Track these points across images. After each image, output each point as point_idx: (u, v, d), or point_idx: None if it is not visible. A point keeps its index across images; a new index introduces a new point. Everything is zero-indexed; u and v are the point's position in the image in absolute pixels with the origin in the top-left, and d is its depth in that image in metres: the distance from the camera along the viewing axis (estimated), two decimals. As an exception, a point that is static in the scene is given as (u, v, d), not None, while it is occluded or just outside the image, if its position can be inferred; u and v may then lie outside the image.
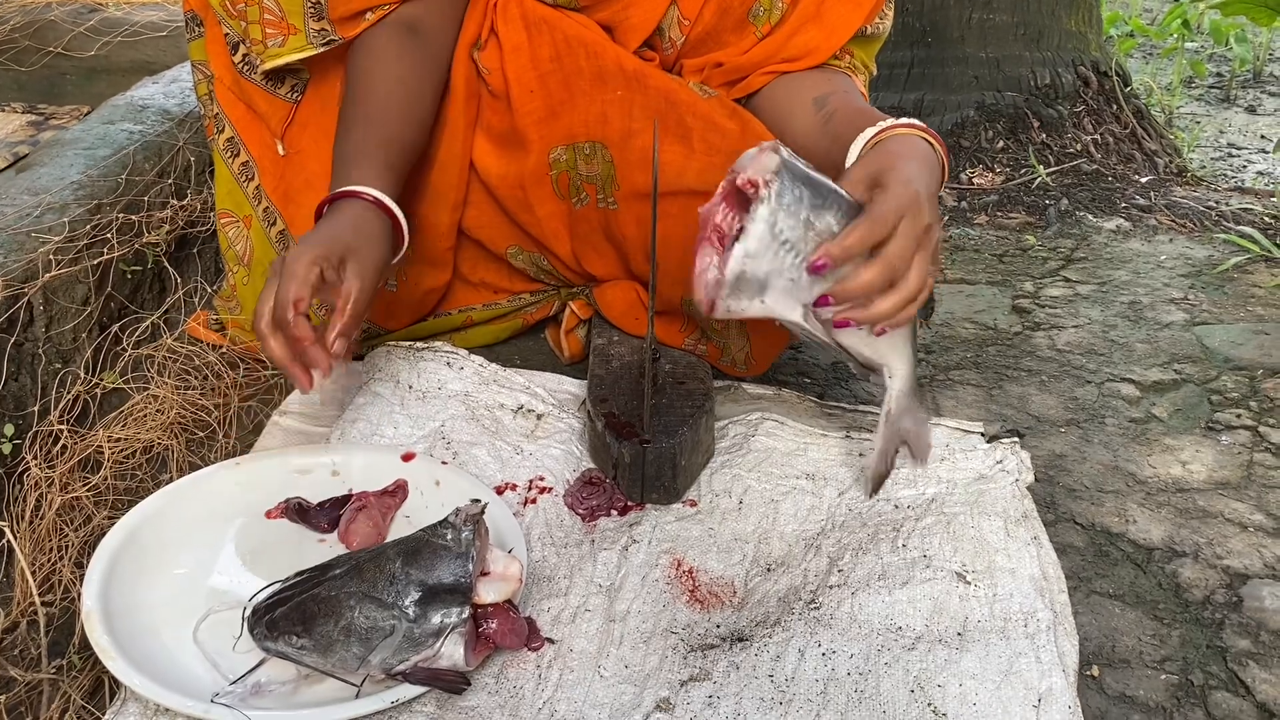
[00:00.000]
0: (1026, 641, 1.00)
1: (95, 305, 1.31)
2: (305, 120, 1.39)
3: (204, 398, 1.31)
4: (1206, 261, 1.99)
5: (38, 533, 1.07)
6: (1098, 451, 1.39)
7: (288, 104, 1.38)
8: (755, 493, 1.24)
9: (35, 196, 1.34)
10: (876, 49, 1.42)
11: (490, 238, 1.50)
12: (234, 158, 1.42)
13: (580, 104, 1.36)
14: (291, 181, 1.40)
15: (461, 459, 1.27)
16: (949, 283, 1.91)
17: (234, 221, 1.44)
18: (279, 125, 1.38)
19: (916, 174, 1.01)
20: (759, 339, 1.41)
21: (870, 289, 0.97)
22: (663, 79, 1.35)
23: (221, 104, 1.40)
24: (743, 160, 0.96)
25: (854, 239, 0.96)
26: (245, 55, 1.35)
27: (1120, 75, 2.63)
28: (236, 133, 1.40)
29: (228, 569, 1.08)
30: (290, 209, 1.41)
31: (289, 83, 1.37)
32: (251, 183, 1.41)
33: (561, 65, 1.35)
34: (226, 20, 1.33)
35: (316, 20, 1.28)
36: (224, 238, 1.45)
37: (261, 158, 1.40)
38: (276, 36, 1.29)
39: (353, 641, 0.92)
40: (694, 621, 1.05)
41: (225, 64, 1.37)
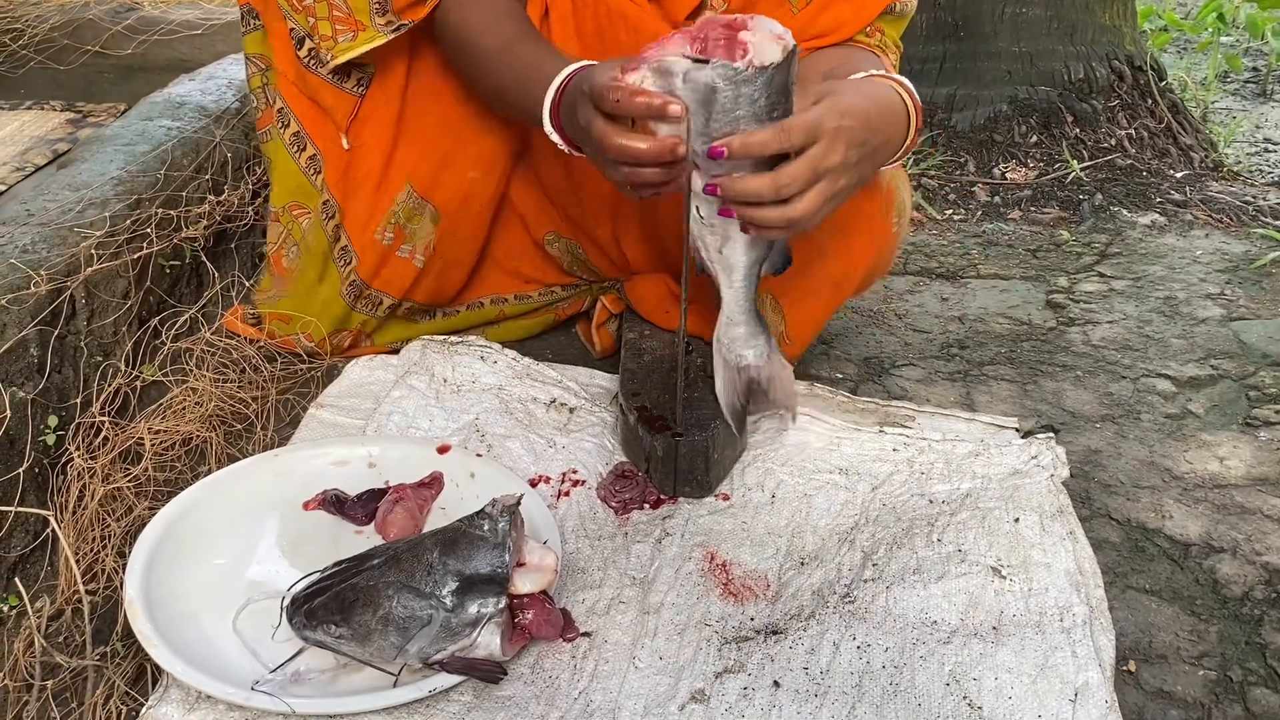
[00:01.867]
0: (1062, 636, 1.00)
1: (135, 299, 1.33)
2: (368, 115, 1.40)
3: (242, 390, 1.33)
4: (1243, 257, 1.96)
5: (81, 522, 1.09)
6: (1133, 447, 1.38)
7: (353, 97, 1.39)
8: (788, 487, 1.24)
9: (76, 192, 1.36)
10: (904, 27, 1.41)
11: (531, 218, 1.52)
12: (300, 151, 1.43)
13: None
14: (353, 175, 1.42)
15: (496, 452, 1.27)
16: (982, 278, 1.90)
17: (306, 213, 1.45)
18: (344, 119, 1.39)
19: (855, 109, 1.01)
20: (795, 313, 1.39)
21: (752, 195, 0.99)
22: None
23: (286, 98, 1.41)
24: (761, 29, 0.97)
25: (756, 140, 0.97)
26: (311, 49, 1.36)
27: (1155, 69, 2.60)
28: (302, 126, 1.42)
29: (266, 559, 1.10)
30: (349, 202, 1.42)
31: (354, 76, 1.38)
32: (319, 175, 1.42)
33: (603, 39, 1.37)
34: (291, 15, 1.33)
35: (381, 15, 1.29)
36: (298, 229, 1.45)
37: (326, 151, 1.41)
38: (346, 32, 1.30)
39: (390, 631, 0.93)
40: (728, 614, 1.05)
41: (290, 58, 1.38)
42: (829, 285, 1.36)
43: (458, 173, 1.43)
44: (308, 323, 1.44)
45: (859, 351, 1.62)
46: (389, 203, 1.42)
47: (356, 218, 1.42)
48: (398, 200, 1.42)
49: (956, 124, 2.48)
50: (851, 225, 1.33)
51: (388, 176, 1.42)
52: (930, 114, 2.50)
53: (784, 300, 1.37)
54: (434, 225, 1.45)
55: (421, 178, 1.42)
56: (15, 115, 2.03)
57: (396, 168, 1.42)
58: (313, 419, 1.33)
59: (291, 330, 1.45)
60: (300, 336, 1.45)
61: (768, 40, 0.97)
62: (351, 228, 1.43)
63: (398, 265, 1.45)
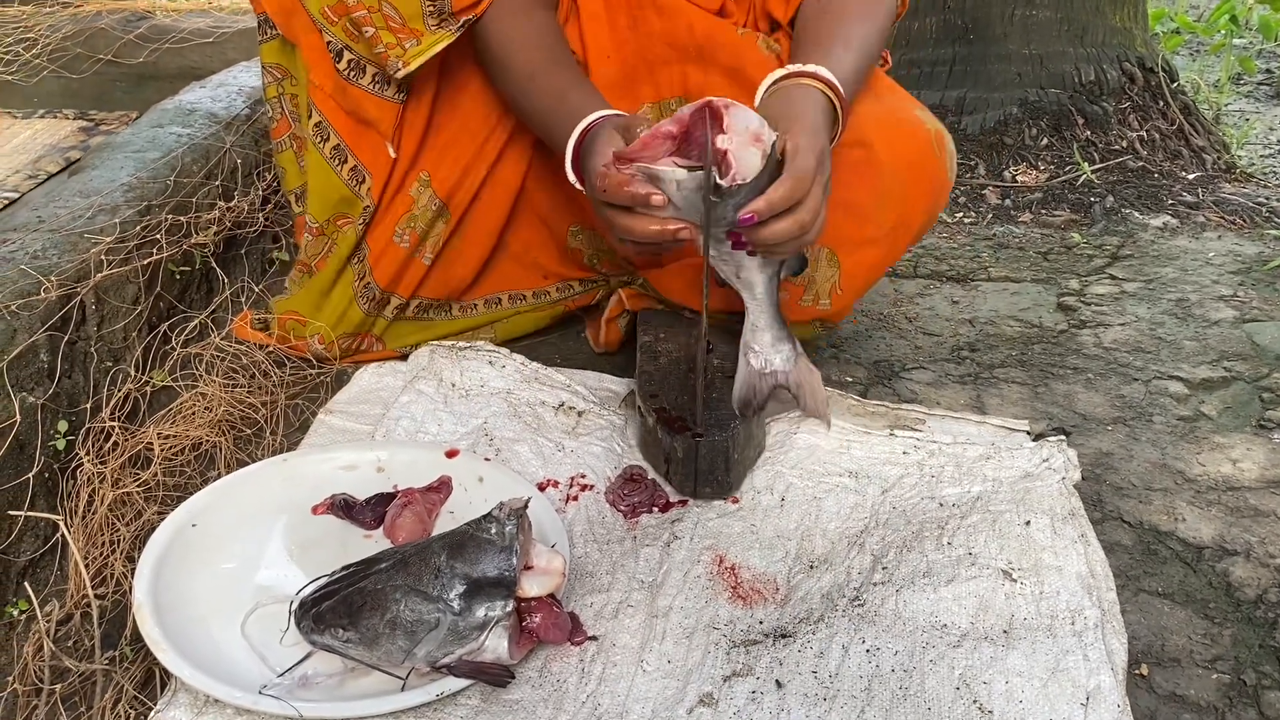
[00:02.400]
0: (1074, 639, 0.99)
1: (145, 305, 1.33)
2: (406, 121, 1.39)
3: (251, 395, 1.33)
4: (1256, 258, 1.95)
5: (90, 527, 1.09)
6: (1146, 450, 1.37)
7: (397, 105, 1.36)
8: (797, 490, 1.23)
9: (87, 198, 1.37)
10: None
11: (552, 213, 1.52)
12: (342, 164, 1.41)
13: (658, 69, 1.40)
14: (391, 183, 1.42)
15: (504, 456, 1.27)
16: (993, 281, 1.89)
17: (351, 223, 1.44)
18: (389, 128, 1.37)
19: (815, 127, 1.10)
20: (850, 263, 1.36)
21: (783, 238, 1.07)
22: (731, 37, 1.38)
23: (325, 111, 1.38)
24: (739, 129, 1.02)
25: (779, 196, 1.04)
26: (351, 61, 1.33)
27: (1166, 71, 2.59)
28: (343, 139, 1.39)
29: (275, 564, 1.10)
30: (381, 211, 1.42)
31: (395, 84, 1.35)
32: (362, 185, 1.41)
33: (637, 33, 1.37)
34: (328, 28, 1.30)
35: (435, 19, 1.27)
36: (344, 240, 1.44)
37: (371, 163, 1.40)
38: (409, 39, 1.28)
39: (398, 634, 0.93)
40: (736, 617, 1.05)
41: (327, 71, 1.35)
42: (886, 233, 1.34)
43: (475, 176, 1.43)
44: (316, 327, 1.44)
45: (869, 355, 1.61)
46: (407, 204, 1.42)
47: (379, 221, 1.43)
48: (418, 204, 1.42)
49: (966, 127, 2.47)
50: (906, 168, 1.32)
51: (405, 178, 1.42)
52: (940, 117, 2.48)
53: (840, 251, 1.35)
54: (445, 224, 1.45)
55: (442, 181, 1.42)
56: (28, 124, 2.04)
57: (414, 170, 1.42)
58: (322, 424, 1.33)
59: (303, 333, 1.46)
60: (313, 340, 1.45)
61: (746, 145, 1.02)
62: (371, 233, 1.43)
63: (410, 266, 1.46)
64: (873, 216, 1.32)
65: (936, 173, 1.36)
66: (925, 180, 1.35)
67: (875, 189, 1.31)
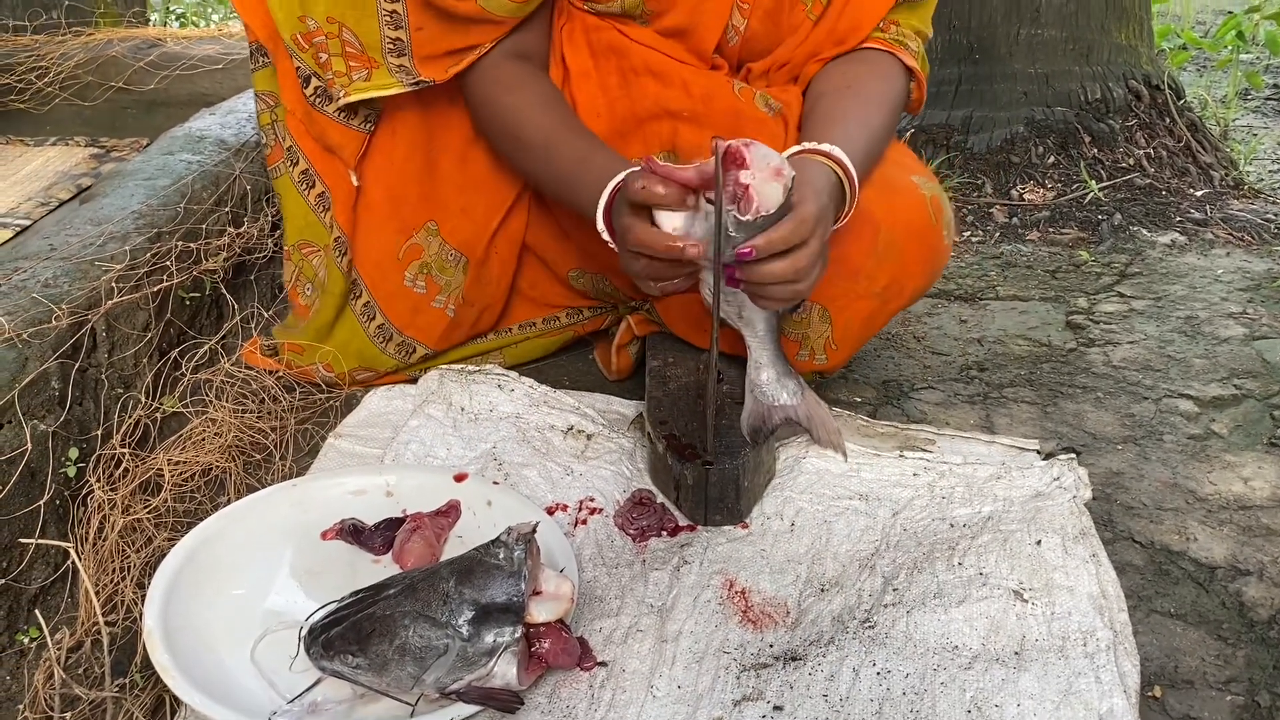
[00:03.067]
0: (1086, 661, 0.99)
1: (155, 331, 1.34)
2: (372, 150, 1.41)
3: (261, 421, 1.34)
4: (1266, 275, 1.95)
5: (101, 554, 1.10)
6: (1156, 469, 1.36)
7: (362, 134, 1.40)
8: (807, 514, 1.23)
9: (98, 226, 1.38)
10: (925, 12, 1.43)
11: (553, 259, 1.53)
12: (309, 189, 1.44)
13: (648, 124, 1.39)
14: (361, 211, 1.43)
15: (513, 480, 1.27)
16: (1001, 299, 1.89)
17: (316, 251, 1.46)
18: (353, 157, 1.40)
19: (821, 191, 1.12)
20: (842, 319, 1.36)
21: (778, 279, 1.08)
22: (729, 99, 1.37)
23: (295, 136, 1.42)
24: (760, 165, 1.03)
25: (779, 236, 1.05)
26: (318, 88, 1.37)
27: (1173, 88, 2.59)
28: (310, 164, 1.42)
29: (284, 589, 1.10)
30: (358, 237, 1.43)
31: (361, 113, 1.38)
32: (327, 213, 1.43)
33: (629, 92, 1.37)
34: (298, 54, 1.34)
35: (396, 56, 1.30)
36: (309, 268, 1.46)
37: (334, 188, 1.42)
38: (360, 70, 1.31)
39: (407, 660, 0.92)
40: (747, 641, 1.04)
41: (297, 97, 1.39)
42: (878, 291, 1.35)
43: (484, 221, 1.44)
44: (325, 353, 1.45)
45: (877, 375, 1.61)
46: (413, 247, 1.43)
47: (365, 253, 1.44)
48: (420, 242, 1.43)
49: (973, 146, 2.47)
50: (903, 231, 1.32)
51: (401, 215, 1.43)
52: (947, 136, 2.50)
53: (831, 307, 1.35)
54: (464, 275, 1.46)
55: (449, 228, 1.44)
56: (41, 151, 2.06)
57: (410, 208, 1.43)
58: (331, 449, 1.33)
59: (308, 361, 1.46)
60: (319, 367, 1.46)
61: (768, 180, 1.04)
62: (360, 261, 1.44)
63: (432, 315, 1.47)
64: (866, 273, 1.32)
65: (934, 241, 1.37)
66: (923, 247, 1.35)
67: (870, 249, 1.31)
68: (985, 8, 2.54)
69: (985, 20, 2.55)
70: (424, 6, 1.26)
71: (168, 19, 4.22)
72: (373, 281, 1.45)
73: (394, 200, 1.43)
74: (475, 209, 1.43)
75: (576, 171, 1.24)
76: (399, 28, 1.29)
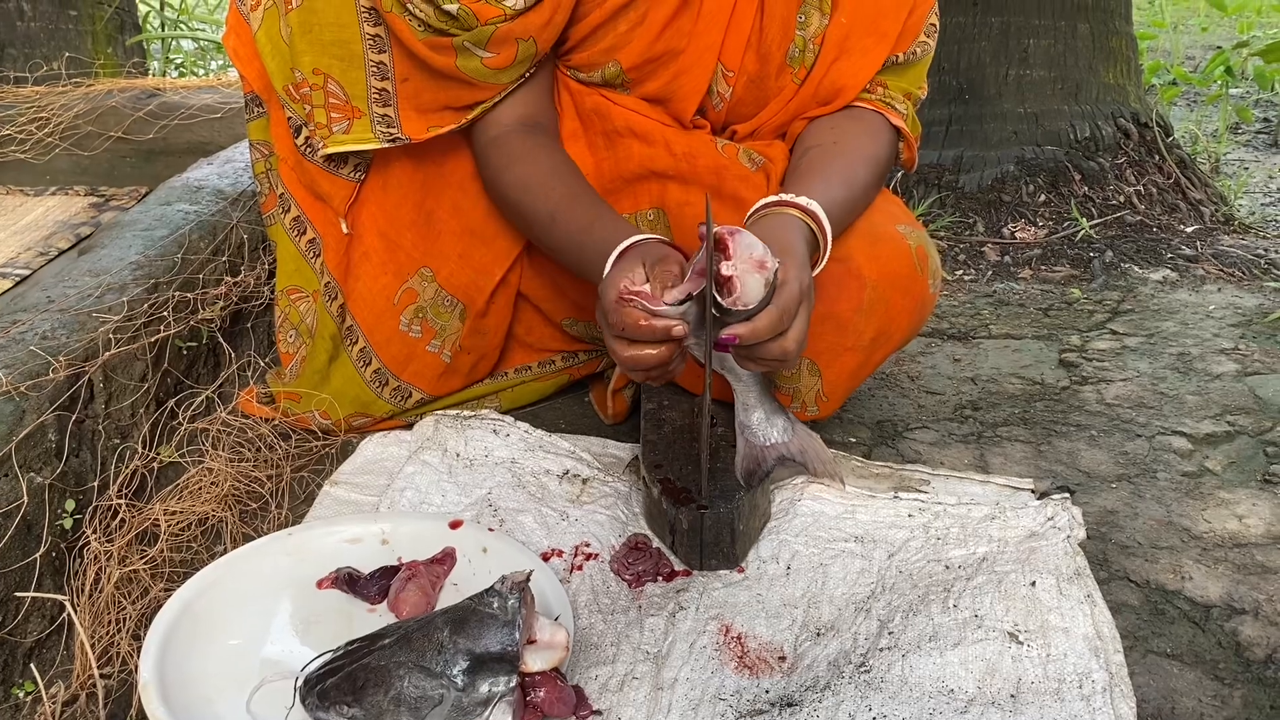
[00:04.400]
0: (1082, 704, 0.99)
1: (153, 381, 1.35)
2: (365, 198, 1.43)
3: (257, 469, 1.34)
4: (1257, 310, 1.96)
5: (97, 606, 1.10)
6: (1150, 507, 1.37)
7: (351, 183, 1.41)
8: (803, 557, 1.23)
9: (96, 278, 1.39)
10: (916, 74, 1.44)
11: (549, 308, 1.55)
12: (300, 235, 1.46)
13: (637, 185, 1.41)
14: (351, 255, 1.44)
15: (509, 526, 1.28)
16: (994, 338, 1.90)
17: (304, 297, 1.48)
18: (342, 205, 1.42)
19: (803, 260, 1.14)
20: (831, 373, 1.39)
21: (764, 358, 1.11)
22: (712, 157, 1.39)
23: (286, 184, 1.44)
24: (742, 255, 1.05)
25: (764, 326, 1.07)
26: (307, 139, 1.39)
27: (1162, 125, 2.62)
28: (302, 211, 1.44)
29: (280, 639, 1.10)
30: (350, 283, 1.45)
31: (351, 162, 1.40)
32: (318, 259, 1.45)
33: (615, 153, 1.39)
34: (289, 104, 1.37)
35: (381, 106, 1.32)
36: (295, 313, 1.48)
37: (325, 234, 1.44)
38: (341, 121, 1.33)
39: (402, 711, 0.92)
40: (743, 688, 1.04)
41: (289, 146, 1.42)
42: (866, 344, 1.37)
43: (480, 268, 1.45)
44: (320, 401, 1.46)
45: (871, 415, 1.62)
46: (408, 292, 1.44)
47: (361, 298, 1.45)
48: (415, 287, 1.45)
49: (964, 185, 2.50)
50: (889, 284, 1.34)
51: (397, 261, 1.44)
52: (938, 176, 2.53)
53: (820, 360, 1.37)
54: (461, 322, 1.47)
55: (445, 274, 1.45)
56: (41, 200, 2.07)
57: (406, 255, 1.44)
58: (327, 496, 1.34)
59: (304, 409, 1.47)
60: (315, 414, 1.47)
61: (750, 272, 1.05)
62: (355, 307, 1.45)
63: (427, 359, 1.48)
64: (853, 327, 1.35)
65: (919, 291, 1.39)
66: (908, 298, 1.38)
67: (856, 302, 1.33)
68: (974, 49, 2.57)
69: (974, 61, 2.58)
70: (408, 57, 1.29)
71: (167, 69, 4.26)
72: (369, 327, 1.46)
73: (389, 246, 1.44)
74: (474, 256, 1.44)
75: (581, 242, 1.25)
76: (385, 78, 1.31)
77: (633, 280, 1.08)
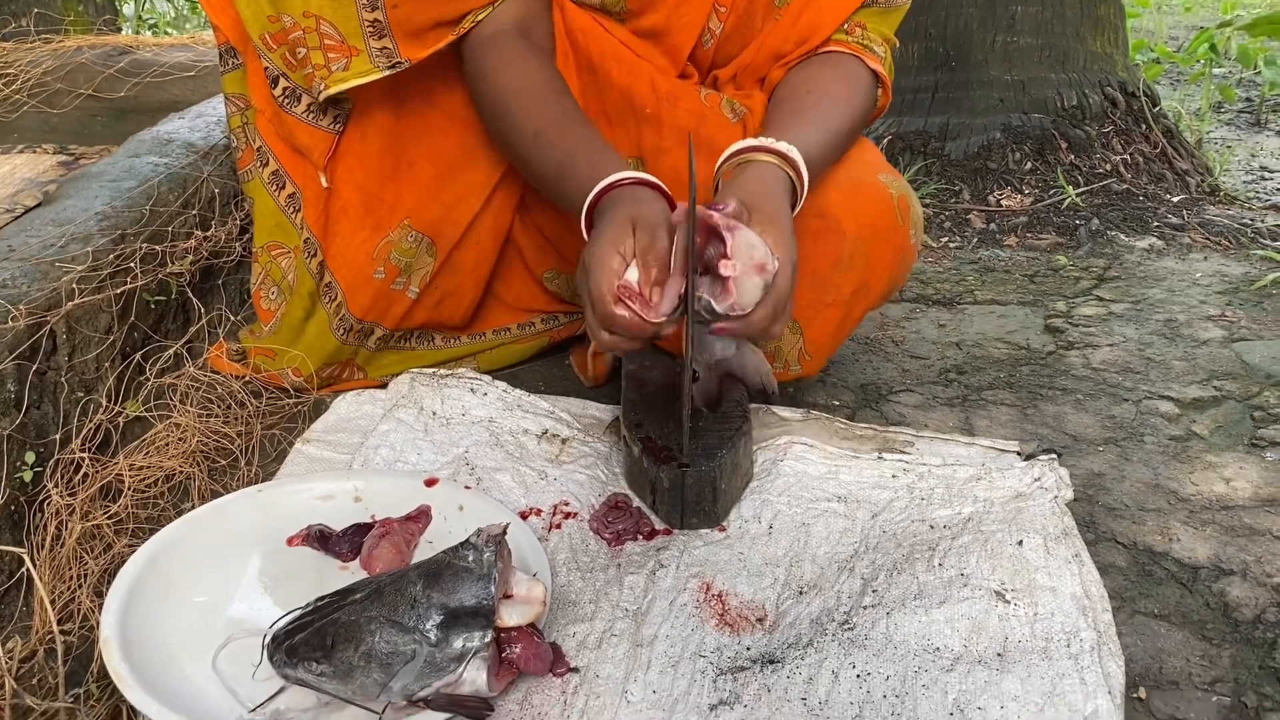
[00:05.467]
0: (1070, 662, 0.97)
1: (118, 334, 1.30)
2: (344, 150, 1.38)
3: (227, 426, 1.30)
4: (1243, 278, 1.94)
5: (57, 560, 1.06)
6: (1137, 470, 1.35)
7: (330, 135, 1.37)
8: (785, 517, 1.21)
9: (60, 227, 1.34)
10: (894, 20, 1.41)
11: (531, 258, 1.51)
12: (279, 189, 1.41)
13: (616, 127, 1.38)
14: (330, 210, 1.40)
15: (486, 485, 1.25)
16: (979, 304, 1.88)
17: (285, 253, 1.44)
18: (321, 157, 1.38)
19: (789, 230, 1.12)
20: (812, 330, 1.37)
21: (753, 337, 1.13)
22: (694, 101, 1.36)
23: (264, 136, 1.40)
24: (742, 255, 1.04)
25: (757, 322, 1.07)
26: (286, 89, 1.34)
27: (1148, 95, 2.60)
28: (281, 165, 1.40)
29: (248, 597, 1.07)
30: (329, 239, 1.41)
31: (330, 114, 1.36)
32: (298, 214, 1.41)
33: (597, 79, 1.36)
34: (266, 54, 1.32)
35: (378, 39, 1.28)
36: (276, 270, 1.44)
37: (305, 189, 1.40)
38: (339, 59, 1.28)
39: (373, 667, 0.89)
40: (723, 645, 1.02)
41: (266, 97, 1.37)
42: (846, 298, 1.35)
43: (452, 203, 1.41)
44: (294, 358, 1.42)
45: (855, 378, 1.60)
46: (385, 244, 1.40)
47: (340, 254, 1.41)
48: (395, 240, 1.41)
49: (950, 152, 2.47)
50: (870, 235, 1.31)
51: (377, 215, 1.41)
52: (924, 143, 2.50)
53: (800, 318, 1.35)
54: (431, 258, 1.43)
55: (417, 212, 1.41)
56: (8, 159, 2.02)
57: (388, 208, 1.40)
58: (299, 454, 1.30)
59: (277, 366, 1.43)
60: (288, 372, 1.43)
61: (750, 274, 1.04)
62: (335, 264, 1.41)
63: (392, 298, 1.44)
64: (833, 282, 1.32)
65: (899, 241, 1.36)
66: (888, 248, 1.35)
67: (835, 256, 1.31)
68: (961, 16, 2.54)
69: (961, 28, 2.55)
70: None
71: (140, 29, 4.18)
72: (347, 283, 1.42)
73: (367, 200, 1.40)
74: (444, 192, 1.41)
75: (562, 165, 1.22)
76: (375, 8, 1.27)
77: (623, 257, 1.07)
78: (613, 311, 1.06)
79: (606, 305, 1.06)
